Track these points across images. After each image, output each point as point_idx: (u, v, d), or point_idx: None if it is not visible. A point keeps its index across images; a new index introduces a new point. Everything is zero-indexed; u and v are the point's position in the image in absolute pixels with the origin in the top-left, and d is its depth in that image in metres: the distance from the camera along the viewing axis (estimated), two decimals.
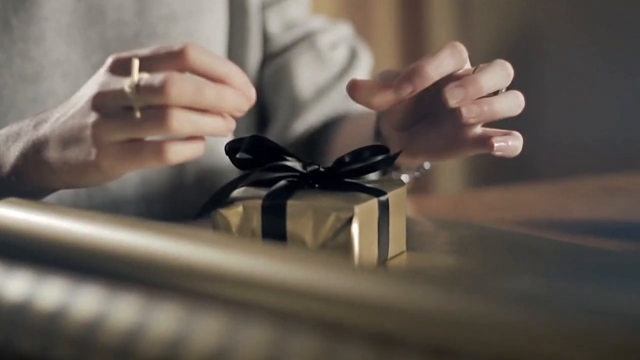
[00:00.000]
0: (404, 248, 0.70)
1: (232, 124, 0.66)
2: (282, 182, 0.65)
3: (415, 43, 1.81)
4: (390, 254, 0.67)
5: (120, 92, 0.64)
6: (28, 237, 0.52)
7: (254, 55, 1.01)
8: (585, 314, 0.37)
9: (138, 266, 0.48)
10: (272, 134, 1.02)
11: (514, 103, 0.68)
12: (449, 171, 1.92)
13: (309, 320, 0.41)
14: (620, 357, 0.35)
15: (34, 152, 0.69)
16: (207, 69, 0.65)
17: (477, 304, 0.39)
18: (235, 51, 1.00)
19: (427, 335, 0.39)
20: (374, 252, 0.65)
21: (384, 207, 0.65)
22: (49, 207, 0.55)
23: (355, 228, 0.61)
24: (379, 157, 0.67)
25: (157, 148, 0.64)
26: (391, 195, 0.66)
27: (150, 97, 0.62)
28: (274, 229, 0.62)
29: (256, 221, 0.63)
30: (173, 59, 0.64)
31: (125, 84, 0.63)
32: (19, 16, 0.86)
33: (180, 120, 0.63)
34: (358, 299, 0.41)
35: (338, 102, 1.03)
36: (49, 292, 0.48)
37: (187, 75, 0.64)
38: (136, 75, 0.63)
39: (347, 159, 0.68)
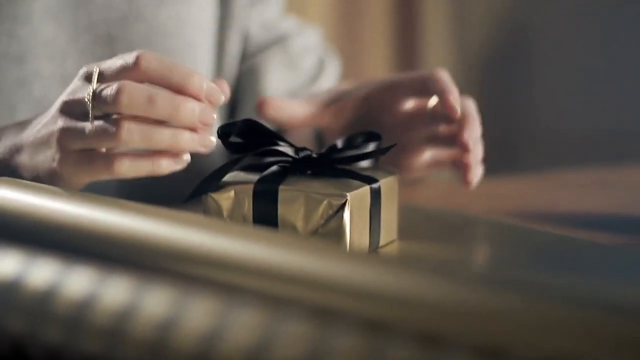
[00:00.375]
0: (395, 236, 0.70)
1: (203, 140, 0.65)
2: (274, 168, 0.65)
3: (407, 44, 1.80)
4: (381, 242, 0.67)
5: (82, 101, 0.64)
6: (20, 216, 0.52)
7: (235, 47, 1.01)
8: (576, 304, 0.37)
9: (130, 248, 0.48)
10: None
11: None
12: None
13: (300, 305, 0.42)
14: (610, 346, 0.35)
15: (10, 156, 0.69)
16: (162, 77, 0.64)
17: (466, 292, 0.39)
18: (219, 39, 1.00)
19: (416, 321, 0.39)
20: (365, 239, 0.65)
21: (376, 195, 0.65)
22: (42, 188, 0.55)
23: (347, 215, 0.61)
24: (372, 145, 0.68)
25: (109, 160, 0.64)
26: (383, 183, 0.66)
27: (104, 106, 0.63)
28: (265, 214, 0.62)
29: (247, 206, 0.63)
30: (129, 69, 0.64)
31: (85, 92, 0.64)
32: None
33: (131, 131, 0.62)
34: (348, 285, 0.42)
35: None
36: (40, 273, 0.48)
37: (143, 85, 0.63)
38: (94, 84, 0.64)
39: (339, 145, 0.68)
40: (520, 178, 1.21)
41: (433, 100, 0.78)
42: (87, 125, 0.63)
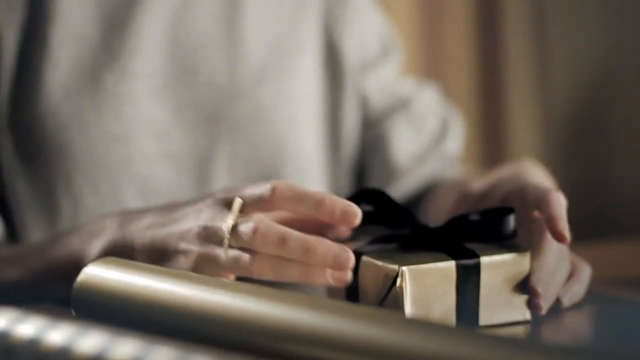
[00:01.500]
0: (523, 316, 0.67)
1: (337, 276, 0.65)
2: (378, 236, 0.67)
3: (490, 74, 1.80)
4: (490, 321, 0.65)
5: (220, 230, 0.66)
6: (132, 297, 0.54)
7: (352, 115, 1.02)
8: None
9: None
10: None
11: None
12: None
13: None
14: None
15: (116, 253, 0.70)
16: (295, 207, 0.67)
17: None
18: (332, 111, 1.01)
19: None
20: (449, 315, 0.64)
21: (467, 271, 0.64)
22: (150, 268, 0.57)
23: (405, 287, 0.62)
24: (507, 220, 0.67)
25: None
26: (493, 260, 0.65)
27: (240, 241, 0.65)
28: (351, 282, 0.64)
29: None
30: (265, 201, 0.66)
31: (225, 224, 0.66)
32: (112, 72, 0.88)
33: (263, 266, 0.65)
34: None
35: (433, 170, 1.04)
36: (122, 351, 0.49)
37: (277, 225, 0.65)
38: (235, 218, 0.66)
39: (460, 220, 0.68)
40: (619, 244, 1.19)
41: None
42: (222, 254, 0.66)
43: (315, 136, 0.98)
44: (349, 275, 0.64)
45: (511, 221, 0.67)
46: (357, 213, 0.65)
